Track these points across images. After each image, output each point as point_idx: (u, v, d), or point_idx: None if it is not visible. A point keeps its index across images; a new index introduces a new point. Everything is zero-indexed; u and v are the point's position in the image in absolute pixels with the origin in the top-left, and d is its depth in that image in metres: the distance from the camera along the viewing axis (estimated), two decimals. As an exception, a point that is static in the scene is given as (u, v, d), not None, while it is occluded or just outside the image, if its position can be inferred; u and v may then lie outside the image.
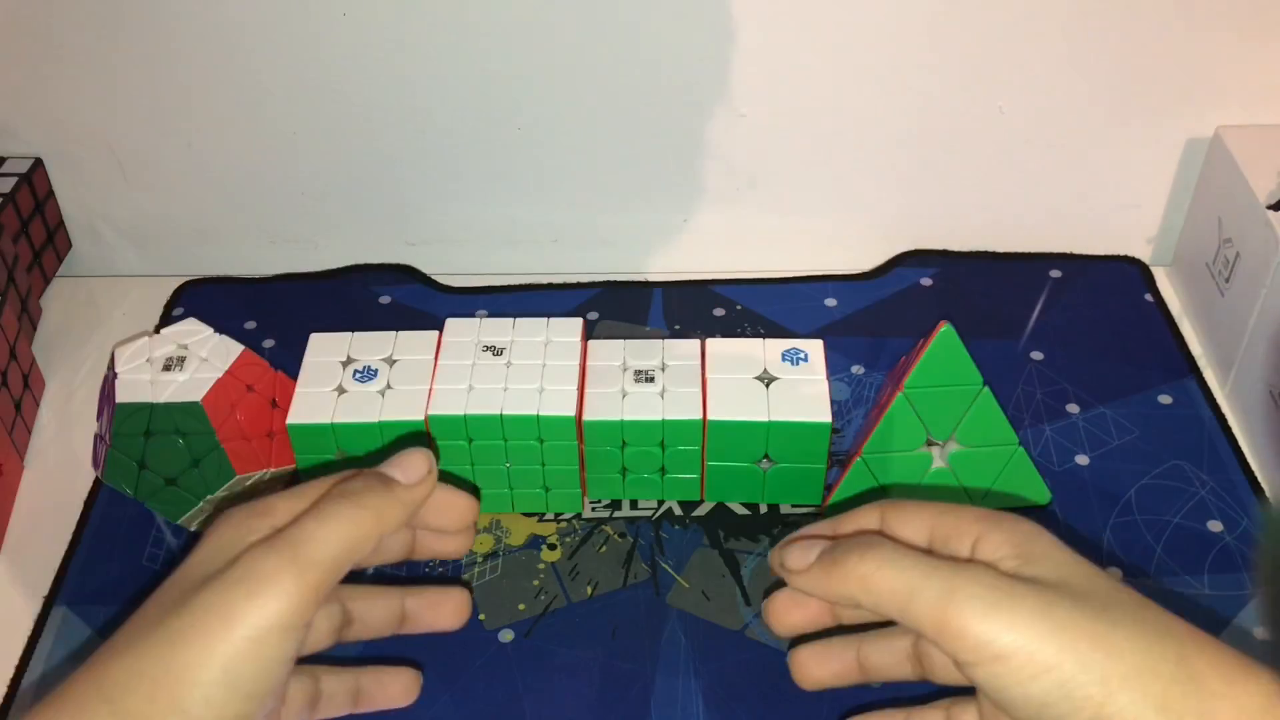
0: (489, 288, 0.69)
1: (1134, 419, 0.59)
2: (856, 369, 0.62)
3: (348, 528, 0.36)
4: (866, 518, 0.39)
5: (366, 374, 0.53)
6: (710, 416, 0.51)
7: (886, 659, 0.41)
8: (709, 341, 0.54)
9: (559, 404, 0.51)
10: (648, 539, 0.54)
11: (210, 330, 0.54)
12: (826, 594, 0.36)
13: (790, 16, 0.61)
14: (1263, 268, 0.57)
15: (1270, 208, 0.57)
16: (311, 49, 0.63)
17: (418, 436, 0.51)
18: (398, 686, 0.44)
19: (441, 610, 0.44)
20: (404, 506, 0.38)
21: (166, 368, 0.52)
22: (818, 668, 0.42)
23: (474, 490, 0.51)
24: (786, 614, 0.41)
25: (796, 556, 0.38)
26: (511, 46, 0.62)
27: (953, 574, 0.33)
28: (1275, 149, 0.61)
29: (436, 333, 0.55)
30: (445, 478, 0.42)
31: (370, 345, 0.54)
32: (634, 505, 0.56)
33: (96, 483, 0.58)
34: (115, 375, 0.52)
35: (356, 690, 0.43)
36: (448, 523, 0.42)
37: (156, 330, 0.54)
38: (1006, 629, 0.32)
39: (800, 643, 0.42)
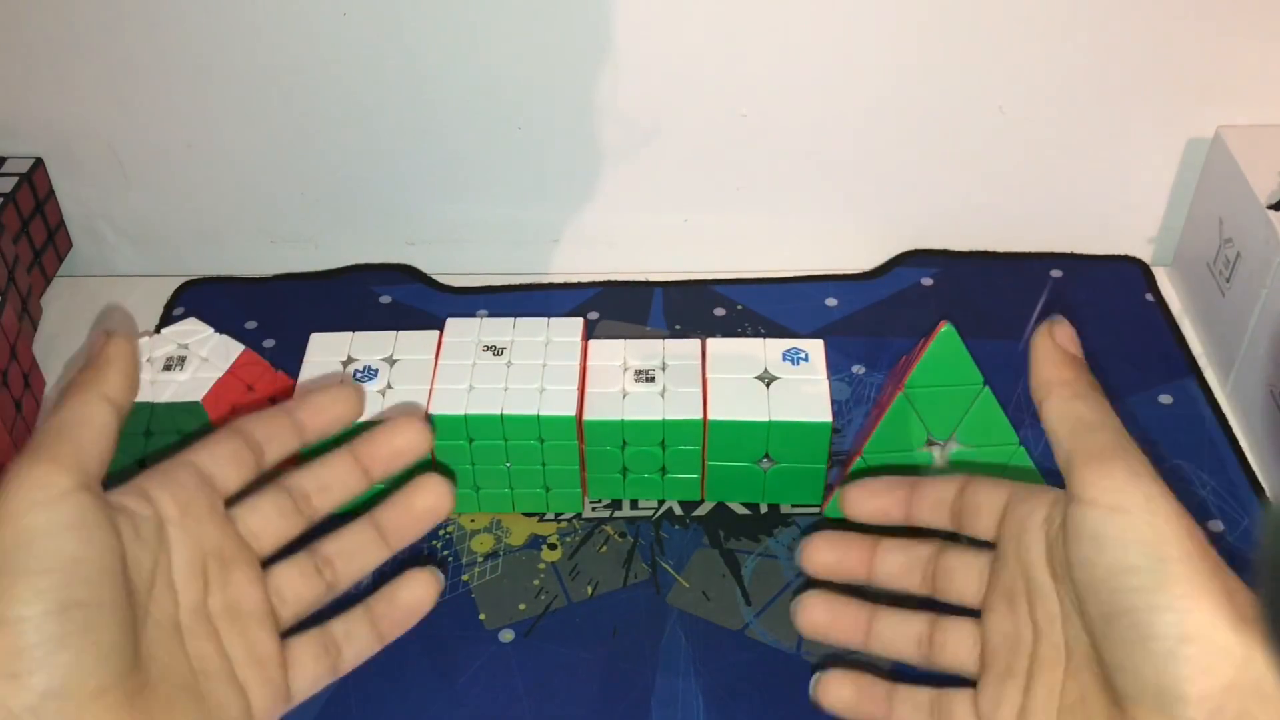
0: (489, 288, 0.69)
1: (1134, 419, 0.59)
2: (857, 369, 0.62)
3: (69, 400, 0.34)
4: (947, 485, 0.40)
5: (367, 374, 0.53)
6: (710, 416, 0.51)
7: (897, 634, 0.41)
8: (709, 341, 0.54)
9: (559, 404, 0.51)
10: (648, 539, 0.54)
11: (210, 330, 0.54)
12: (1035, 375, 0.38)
13: (790, 16, 0.61)
14: (1263, 268, 0.57)
15: (1270, 208, 0.57)
16: (312, 49, 0.63)
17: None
18: (414, 592, 0.40)
19: (415, 503, 0.41)
20: (109, 361, 0.35)
21: (167, 368, 0.52)
22: (825, 611, 0.42)
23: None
24: (821, 551, 0.42)
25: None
26: (511, 46, 0.62)
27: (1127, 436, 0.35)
28: (1275, 149, 0.61)
29: (436, 333, 0.55)
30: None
31: (370, 345, 0.54)
32: (634, 505, 0.56)
33: (96, 483, 0.58)
34: (115, 375, 0.52)
35: (372, 618, 0.40)
36: (327, 418, 0.40)
37: (156, 330, 0.54)
38: (1147, 496, 0.33)
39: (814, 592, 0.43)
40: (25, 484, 0.32)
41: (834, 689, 0.41)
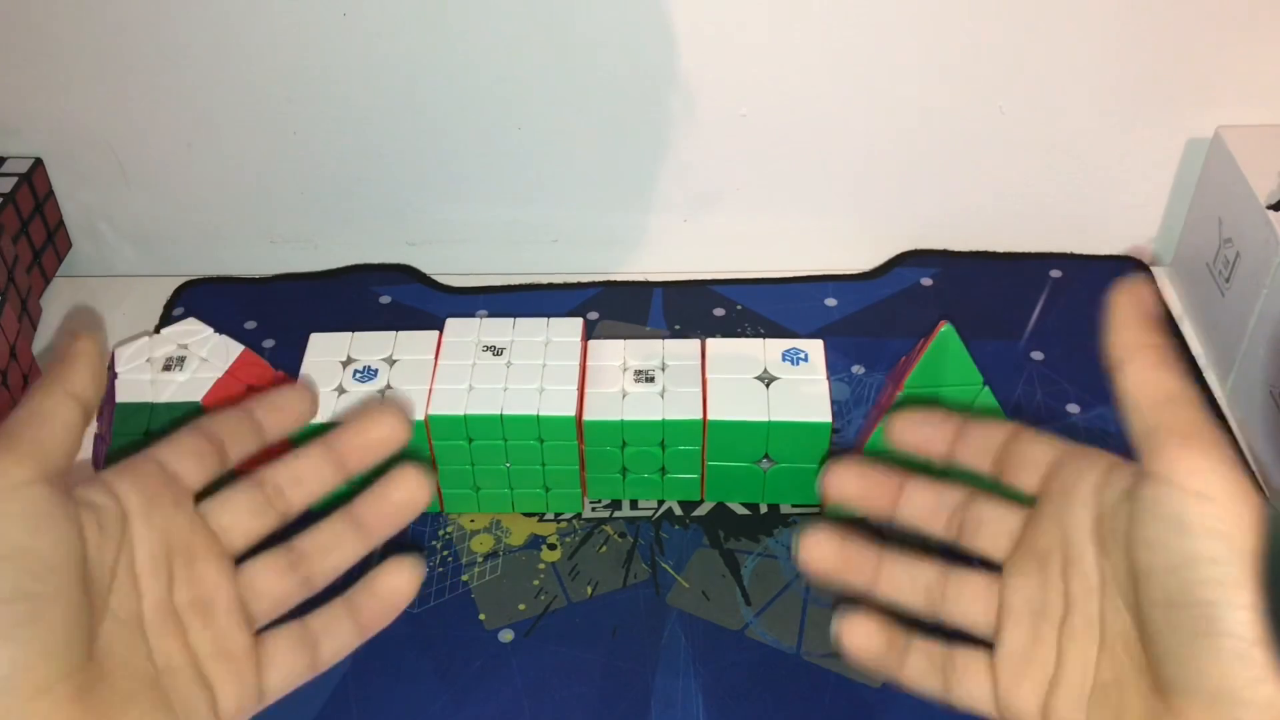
0: (489, 288, 0.69)
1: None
2: (856, 369, 0.62)
3: (35, 395, 0.34)
4: (996, 429, 0.38)
5: (366, 374, 0.53)
6: (710, 416, 0.51)
7: (906, 579, 0.38)
8: (709, 341, 0.54)
9: (559, 404, 0.51)
10: (648, 539, 0.54)
11: (210, 330, 0.54)
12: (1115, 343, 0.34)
13: (790, 16, 0.61)
14: (1263, 268, 0.57)
15: (1270, 208, 0.57)
16: (312, 49, 0.63)
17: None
18: (394, 581, 0.39)
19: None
20: (76, 358, 0.35)
21: (166, 368, 0.52)
22: (831, 547, 0.38)
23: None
24: (845, 483, 0.39)
25: None
26: (511, 47, 0.62)
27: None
28: (1275, 149, 0.61)
29: (436, 333, 0.55)
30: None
31: (370, 345, 0.54)
32: (634, 505, 0.56)
33: (96, 483, 0.58)
34: (115, 375, 0.52)
35: (352, 610, 0.39)
36: (285, 417, 0.40)
37: (156, 330, 0.54)
38: (1233, 485, 0.31)
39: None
40: None
41: (860, 631, 0.38)
